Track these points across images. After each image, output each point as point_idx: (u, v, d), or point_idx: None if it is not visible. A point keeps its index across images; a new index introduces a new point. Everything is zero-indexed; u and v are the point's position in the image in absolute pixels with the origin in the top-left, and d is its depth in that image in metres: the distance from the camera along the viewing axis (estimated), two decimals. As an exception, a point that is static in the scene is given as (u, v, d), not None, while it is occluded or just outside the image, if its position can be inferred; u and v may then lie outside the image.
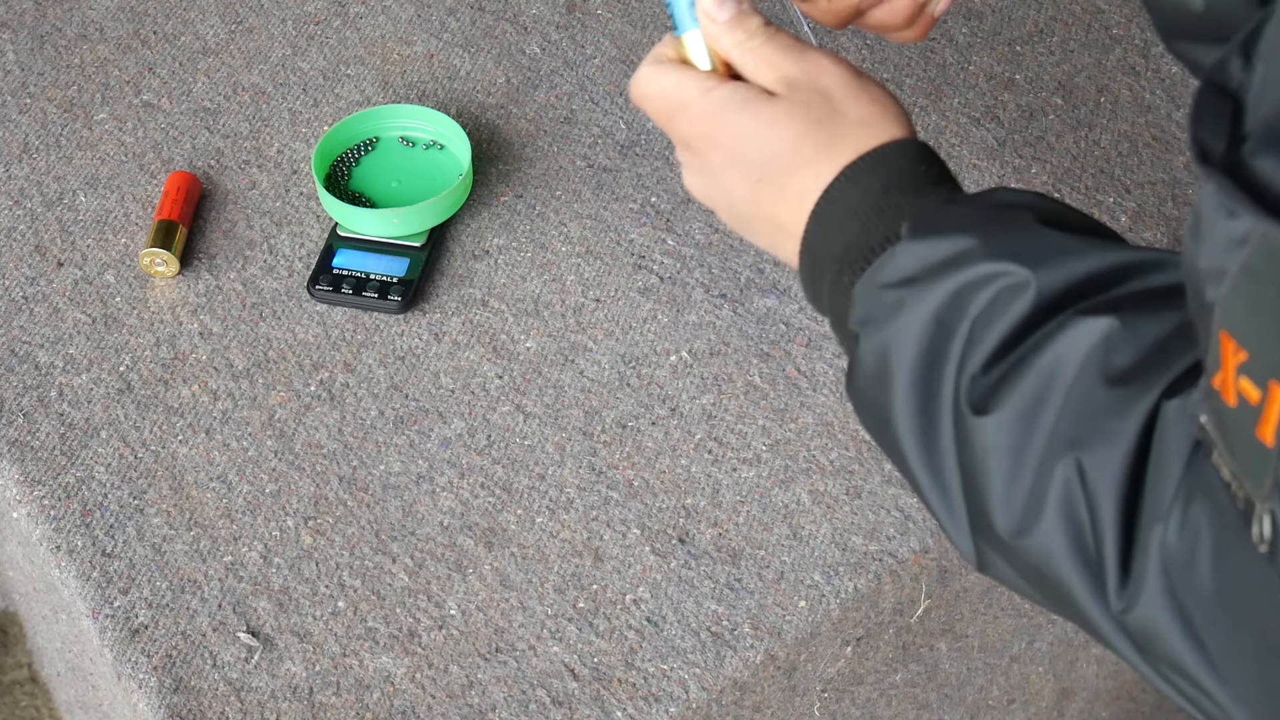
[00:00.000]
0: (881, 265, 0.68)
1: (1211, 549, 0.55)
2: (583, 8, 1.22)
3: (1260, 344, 0.49)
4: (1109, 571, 0.60)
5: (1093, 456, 0.60)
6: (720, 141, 0.75)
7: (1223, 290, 0.50)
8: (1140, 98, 1.17)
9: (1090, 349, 0.61)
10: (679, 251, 1.06)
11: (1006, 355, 0.64)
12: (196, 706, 0.85)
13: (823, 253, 0.72)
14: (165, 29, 1.20)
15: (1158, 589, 0.58)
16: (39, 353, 1.00)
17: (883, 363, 0.67)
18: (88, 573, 0.90)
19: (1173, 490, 0.57)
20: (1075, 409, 0.61)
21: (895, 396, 0.67)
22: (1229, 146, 0.50)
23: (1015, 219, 0.68)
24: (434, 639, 0.88)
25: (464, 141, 1.08)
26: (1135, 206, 1.10)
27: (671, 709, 0.86)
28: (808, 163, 0.73)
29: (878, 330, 0.68)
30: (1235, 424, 0.51)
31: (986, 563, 0.67)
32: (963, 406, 0.64)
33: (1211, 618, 0.56)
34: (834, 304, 0.72)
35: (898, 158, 0.72)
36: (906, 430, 0.67)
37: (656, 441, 0.96)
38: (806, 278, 0.74)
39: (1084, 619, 0.63)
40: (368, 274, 1.03)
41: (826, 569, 0.91)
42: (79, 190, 1.09)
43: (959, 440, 0.65)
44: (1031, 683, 1.14)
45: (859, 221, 0.71)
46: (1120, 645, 0.62)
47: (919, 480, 0.68)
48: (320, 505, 0.93)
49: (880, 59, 1.19)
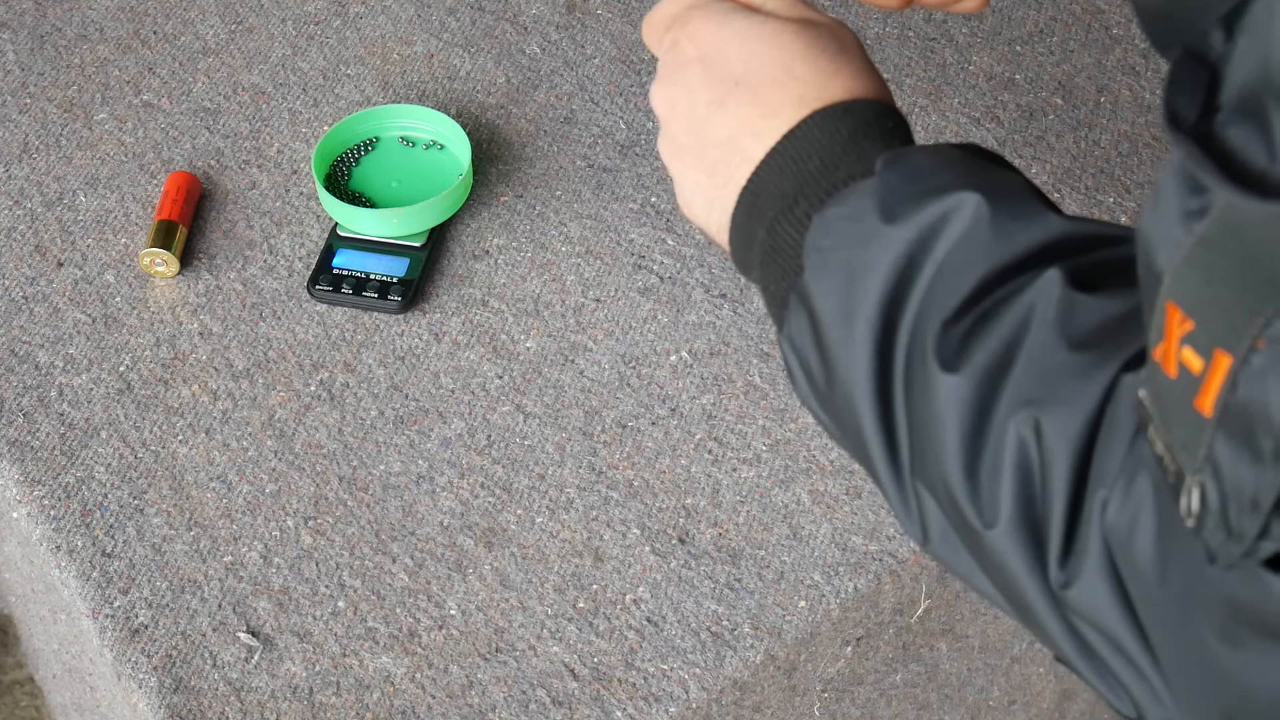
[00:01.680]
0: (851, 193, 0.66)
1: (1153, 523, 0.55)
2: (583, 8, 1.22)
3: (1209, 313, 0.49)
4: (1052, 540, 0.60)
5: (1051, 417, 0.59)
6: (711, 37, 0.73)
7: (1175, 260, 0.50)
8: (1140, 98, 1.17)
9: (1057, 308, 0.60)
10: (679, 251, 1.06)
11: (975, 305, 0.62)
12: (196, 706, 0.85)
13: (773, 184, 0.70)
14: (165, 29, 1.20)
15: (1098, 560, 0.58)
16: (39, 353, 1.00)
17: (846, 296, 0.65)
18: (88, 573, 0.90)
19: (1119, 462, 0.57)
20: (1037, 368, 0.60)
21: (855, 333, 0.64)
22: (1201, 115, 0.50)
23: (991, 170, 0.67)
24: (434, 639, 0.88)
25: (464, 141, 1.08)
26: (1135, 206, 1.10)
27: (671, 709, 0.86)
28: (797, 79, 0.71)
29: (843, 261, 0.65)
30: (1174, 395, 0.51)
31: (930, 536, 0.66)
32: (930, 358, 0.62)
33: (1148, 592, 0.56)
34: (776, 238, 0.69)
35: (869, 111, 0.71)
36: (863, 375, 0.65)
37: (656, 441, 0.96)
38: (747, 208, 0.71)
39: (1019, 595, 0.62)
40: (368, 274, 1.03)
41: (826, 569, 0.91)
42: (79, 190, 1.09)
43: (919, 389, 0.63)
44: (1033, 683, 1.14)
45: (819, 159, 0.70)
46: (1051, 623, 0.61)
47: (868, 436, 0.65)
48: (320, 505, 0.93)
49: (880, 59, 1.19)
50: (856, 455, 0.69)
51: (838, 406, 0.67)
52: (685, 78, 0.75)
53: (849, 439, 0.68)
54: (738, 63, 0.73)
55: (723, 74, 0.73)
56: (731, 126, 0.73)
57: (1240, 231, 0.47)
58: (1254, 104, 0.48)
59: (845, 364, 0.66)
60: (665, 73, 0.76)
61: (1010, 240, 0.63)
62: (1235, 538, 0.49)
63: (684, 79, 0.75)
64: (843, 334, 0.65)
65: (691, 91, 0.74)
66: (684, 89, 0.74)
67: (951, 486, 0.62)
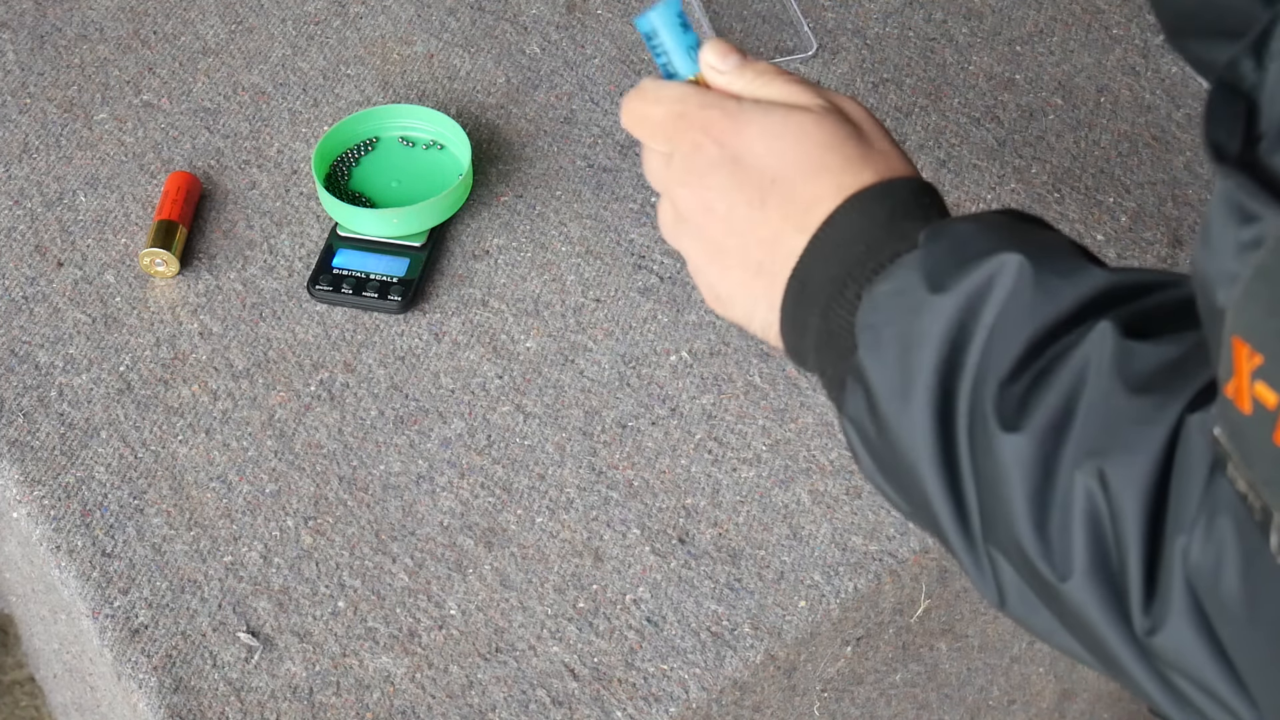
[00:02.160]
0: (897, 268, 0.67)
1: (1238, 562, 0.54)
2: (583, 8, 1.22)
3: (1277, 345, 0.48)
4: (1132, 588, 0.59)
5: (1116, 465, 0.59)
6: (736, 138, 0.73)
7: (1235, 294, 0.50)
8: (1140, 98, 1.17)
9: (1112, 358, 0.60)
10: (679, 252, 1.06)
11: (1031, 364, 0.62)
12: (196, 706, 0.85)
13: (820, 271, 0.70)
14: (165, 29, 1.20)
15: (1183, 604, 0.57)
16: (39, 353, 1.00)
17: (901, 368, 0.65)
18: (88, 573, 0.90)
19: (1196, 503, 0.56)
20: (1099, 417, 0.60)
21: (914, 404, 0.64)
22: (1244, 146, 0.50)
23: (1032, 231, 0.67)
24: (434, 639, 0.88)
25: (464, 141, 1.08)
26: (1135, 206, 1.10)
27: (671, 709, 0.86)
28: (830, 170, 0.72)
29: (895, 335, 0.65)
30: (1251, 432, 0.50)
31: (1008, 598, 0.65)
32: (990, 420, 0.62)
33: (1239, 633, 0.55)
34: (830, 323, 0.70)
35: (905, 190, 0.72)
36: (925, 445, 0.64)
37: (656, 441, 0.96)
38: (795, 297, 0.72)
39: (1102, 647, 0.61)
40: (368, 274, 1.03)
41: (826, 569, 0.91)
42: (79, 190, 1.09)
43: (982, 452, 0.63)
44: (1032, 683, 1.14)
45: (863, 243, 0.70)
46: (1139, 672, 0.60)
47: (936, 506, 0.65)
48: (320, 505, 0.93)
49: (880, 59, 1.19)
50: (927, 526, 0.68)
51: (903, 480, 0.67)
52: (718, 181, 0.74)
53: (918, 512, 0.68)
54: (770, 160, 0.72)
55: (757, 174, 0.73)
56: (775, 224, 0.72)
57: None
58: None
59: (907, 436, 0.65)
60: (691, 177, 0.75)
61: (1058, 296, 0.63)
62: None
63: (717, 183, 0.74)
64: (900, 405, 0.65)
65: (728, 194, 0.73)
66: (720, 192, 0.74)
67: (1023, 545, 0.62)
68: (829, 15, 1.23)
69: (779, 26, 1.22)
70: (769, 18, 1.23)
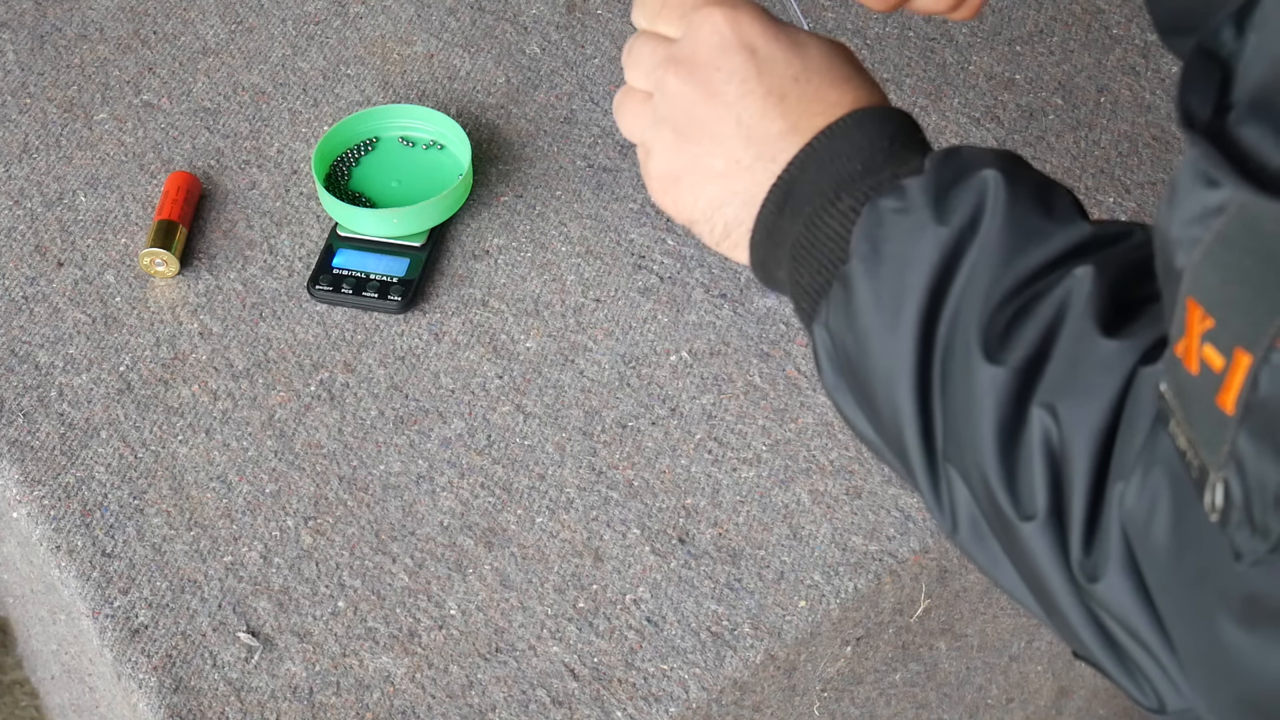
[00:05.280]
0: (905, 188, 0.68)
1: (1168, 514, 0.55)
2: (583, 8, 1.22)
3: (1229, 311, 0.49)
4: (1075, 530, 0.60)
5: (1071, 407, 0.60)
6: (762, 34, 0.73)
7: (1194, 257, 0.50)
8: (1140, 98, 1.17)
9: (1089, 299, 0.62)
10: (679, 251, 1.06)
11: (1017, 296, 0.64)
12: (196, 706, 0.85)
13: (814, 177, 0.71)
14: (165, 29, 1.20)
15: (1118, 550, 0.58)
16: (39, 353, 1.00)
17: (895, 282, 0.66)
18: (88, 573, 0.90)
19: (1136, 453, 0.57)
20: (1068, 358, 0.61)
21: (902, 319, 0.66)
22: (1214, 113, 0.50)
23: (1033, 172, 0.69)
24: (434, 639, 0.88)
25: (464, 141, 1.08)
26: (1135, 206, 1.10)
27: (671, 709, 0.86)
28: (851, 82, 0.73)
29: (894, 251, 0.67)
30: (1196, 392, 0.51)
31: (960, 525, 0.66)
32: (973, 346, 0.64)
33: (1163, 581, 0.57)
34: (815, 231, 0.70)
35: (903, 119, 0.74)
36: (906, 358, 0.66)
37: (656, 441, 0.96)
38: (778, 203, 0.72)
39: (1042, 585, 0.62)
40: (368, 274, 1.03)
41: (826, 569, 0.91)
42: (79, 190, 1.09)
43: (960, 374, 0.64)
44: (1030, 681, 1.14)
45: (860, 162, 0.71)
46: (1073, 614, 0.61)
47: (904, 419, 0.66)
48: (320, 505, 0.93)
49: (880, 59, 1.19)
50: (888, 443, 0.69)
51: (874, 391, 0.68)
52: (736, 66, 0.73)
53: (881, 427, 0.69)
54: (793, 58, 0.74)
55: (781, 66, 0.73)
56: (791, 119, 0.73)
57: (1257, 230, 0.48)
58: (1267, 102, 0.48)
59: (889, 349, 0.67)
60: (701, 57, 0.74)
61: (1047, 237, 0.65)
62: (1260, 534, 0.49)
63: (734, 67, 0.73)
64: (888, 319, 0.67)
65: (745, 81, 0.73)
66: (735, 78, 0.73)
67: (987, 474, 0.63)
68: (829, 15, 1.23)
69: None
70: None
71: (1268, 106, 0.48)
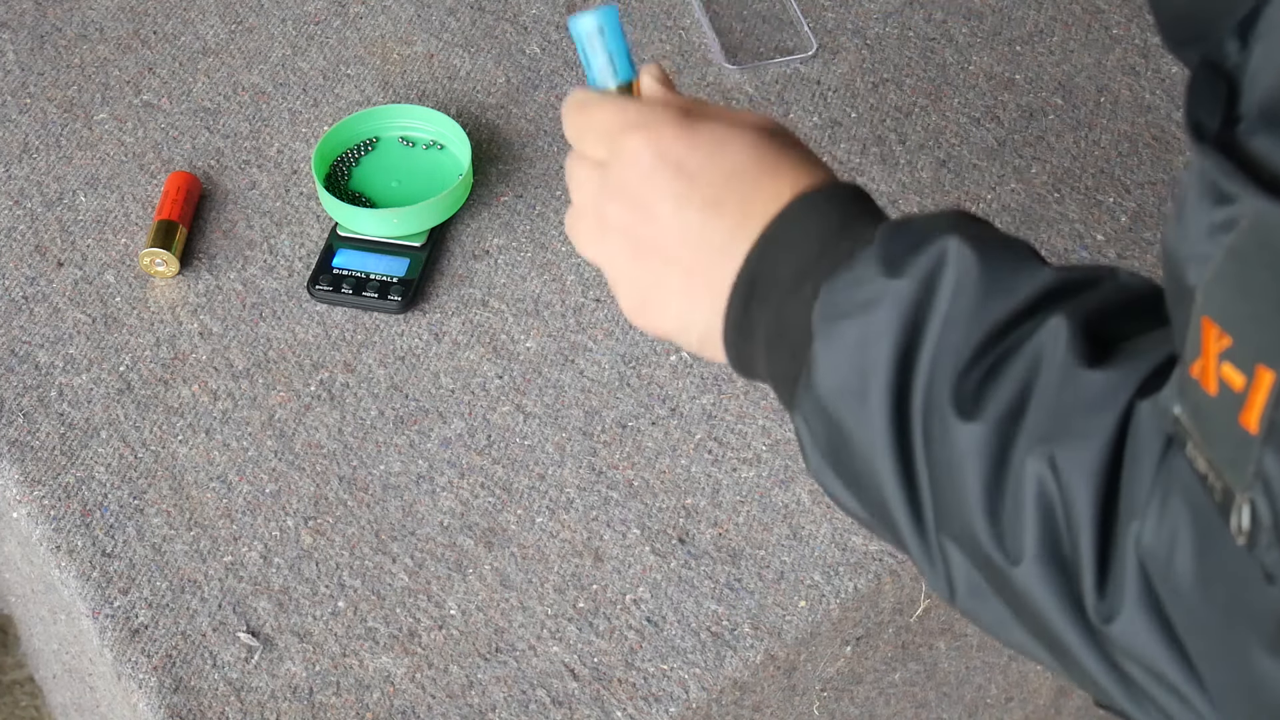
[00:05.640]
0: (856, 260, 0.66)
1: (1192, 543, 0.54)
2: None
3: (1246, 328, 0.48)
4: (1085, 574, 0.59)
5: (1067, 451, 0.59)
6: (681, 144, 0.72)
7: (1206, 275, 0.50)
8: (1140, 98, 1.17)
9: (1067, 347, 0.60)
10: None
11: (988, 353, 0.62)
12: (196, 706, 0.85)
13: (769, 271, 0.70)
14: (165, 29, 1.20)
15: (1136, 589, 0.57)
16: (39, 353, 1.00)
17: (859, 358, 0.65)
18: (88, 573, 0.90)
19: (1148, 487, 0.56)
20: (1051, 405, 0.60)
21: (871, 396, 0.64)
22: (1223, 126, 0.50)
23: (985, 228, 0.68)
24: (434, 639, 0.88)
25: (464, 141, 1.08)
26: (1135, 206, 1.10)
27: (671, 709, 0.86)
28: (784, 171, 0.72)
29: (853, 325, 0.65)
30: (1215, 412, 0.50)
31: (958, 590, 0.65)
32: (947, 408, 0.62)
33: (1191, 615, 0.55)
34: (783, 319, 0.69)
35: (851, 193, 0.72)
36: (881, 437, 0.64)
37: (656, 441, 0.96)
38: (744, 299, 0.71)
39: (1053, 636, 0.61)
40: (368, 274, 1.03)
41: (826, 569, 0.91)
42: (79, 190, 1.09)
43: (939, 442, 0.63)
44: (1029, 681, 1.14)
45: (818, 241, 0.70)
46: (1090, 661, 0.60)
47: (889, 495, 0.65)
48: (320, 505, 0.93)
49: (880, 59, 1.19)
50: (878, 519, 0.68)
51: (857, 471, 0.67)
52: (666, 186, 0.73)
53: (870, 505, 0.68)
54: (721, 162, 0.72)
55: (709, 175, 0.72)
56: (731, 224, 0.72)
57: (1272, 242, 0.47)
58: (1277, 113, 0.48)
59: (864, 426, 0.65)
60: (631, 183, 0.73)
61: (1012, 289, 0.63)
62: None
63: (665, 188, 0.73)
64: (857, 398, 0.65)
65: (678, 198, 0.72)
66: (668, 197, 0.72)
67: (976, 532, 0.62)
68: (829, 15, 1.23)
69: (779, 26, 1.22)
70: (769, 18, 1.23)
71: (1277, 117, 0.48)
